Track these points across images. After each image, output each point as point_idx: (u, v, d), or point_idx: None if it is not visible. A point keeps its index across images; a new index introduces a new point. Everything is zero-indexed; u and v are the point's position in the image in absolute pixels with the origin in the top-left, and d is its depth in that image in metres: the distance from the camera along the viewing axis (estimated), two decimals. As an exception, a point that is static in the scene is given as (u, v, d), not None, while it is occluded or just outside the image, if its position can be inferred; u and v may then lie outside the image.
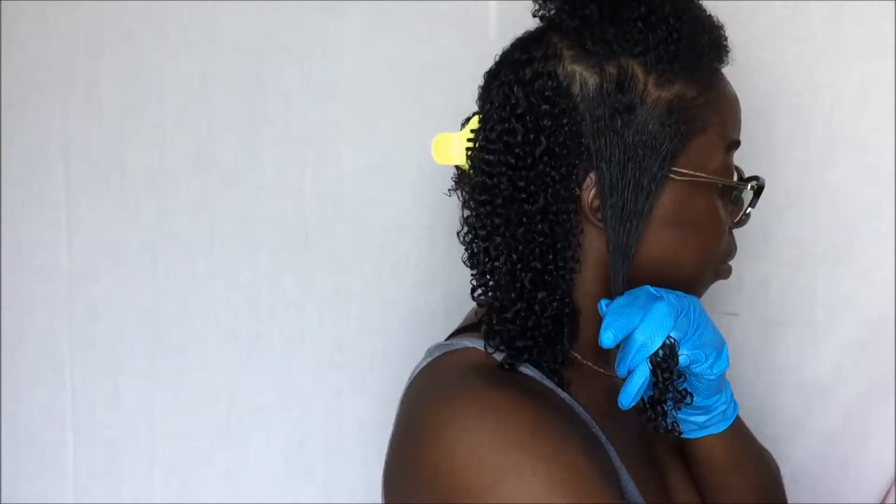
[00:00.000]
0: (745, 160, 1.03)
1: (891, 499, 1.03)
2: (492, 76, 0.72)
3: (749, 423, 0.94)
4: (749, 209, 0.76)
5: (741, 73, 1.03)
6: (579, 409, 0.70)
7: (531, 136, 0.67)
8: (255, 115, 1.11)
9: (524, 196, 0.67)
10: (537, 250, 0.68)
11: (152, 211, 1.14)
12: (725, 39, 0.73)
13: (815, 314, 1.05)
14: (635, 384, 0.66)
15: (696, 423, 0.74)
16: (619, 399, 0.67)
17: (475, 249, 0.71)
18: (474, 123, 0.72)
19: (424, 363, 0.73)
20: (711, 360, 0.68)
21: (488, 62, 0.73)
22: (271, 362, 1.14)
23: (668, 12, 0.68)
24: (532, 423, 0.63)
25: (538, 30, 0.71)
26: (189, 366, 1.15)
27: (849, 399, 1.05)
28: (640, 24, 0.67)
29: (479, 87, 0.75)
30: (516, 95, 0.67)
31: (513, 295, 0.68)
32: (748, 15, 1.00)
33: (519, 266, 0.68)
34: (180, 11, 1.10)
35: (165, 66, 1.12)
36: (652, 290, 0.68)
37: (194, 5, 1.10)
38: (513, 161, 0.67)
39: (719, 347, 0.69)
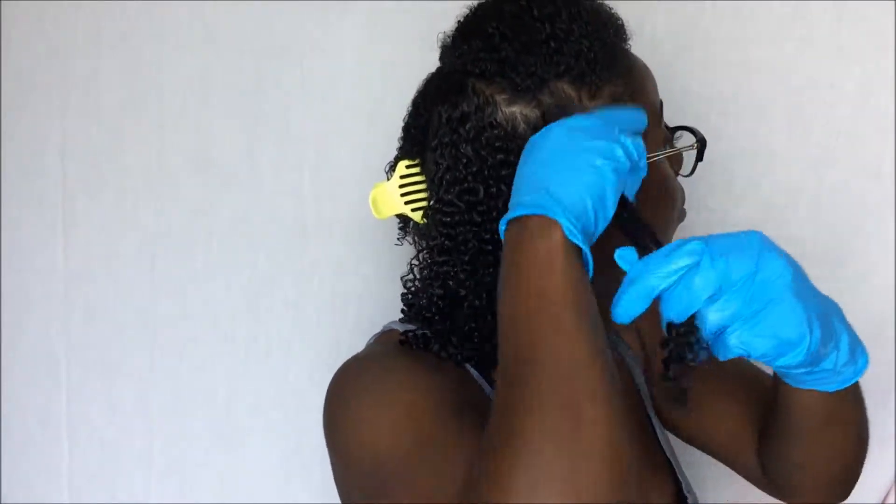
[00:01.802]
0: (746, 159, 1.04)
1: (891, 499, 1.03)
2: (416, 129, 0.73)
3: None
4: (699, 162, 0.77)
5: (741, 72, 1.03)
6: (483, 383, 0.71)
7: (492, 190, 0.67)
8: (255, 115, 1.10)
9: (490, 247, 0.68)
10: None
11: (150, 211, 1.14)
12: (620, 19, 0.72)
13: (815, 314, 1.04)
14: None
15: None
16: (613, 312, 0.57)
17: (433, 301, 0.72)
18: (402, 169, 0.73)
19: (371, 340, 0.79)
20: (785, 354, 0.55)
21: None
22: (269, 363, 1.13)
23: (567, 19, 0.67)
24: (387, 370, 0.67)
25: (453, 79, 0.70)
26: (187, 367, 1.15)
27: (849, 399, 1.05)
28: (552, 43, 0.67)
29: (399, 139, 0.76)
30: (465, 154, 0.67)
31: (475, 336, 0.71)
32: (748, 14, 1.01)
33: (484, 309, 0.70)
34: (179, 11, 1.10)
35: (164, 66, 1.12)
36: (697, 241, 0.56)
37: (194, 5, 1.10)
38: (478, 219, 0.68)
39: (797, 339, 0.55)
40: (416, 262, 0.75)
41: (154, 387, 1.15)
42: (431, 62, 0.78)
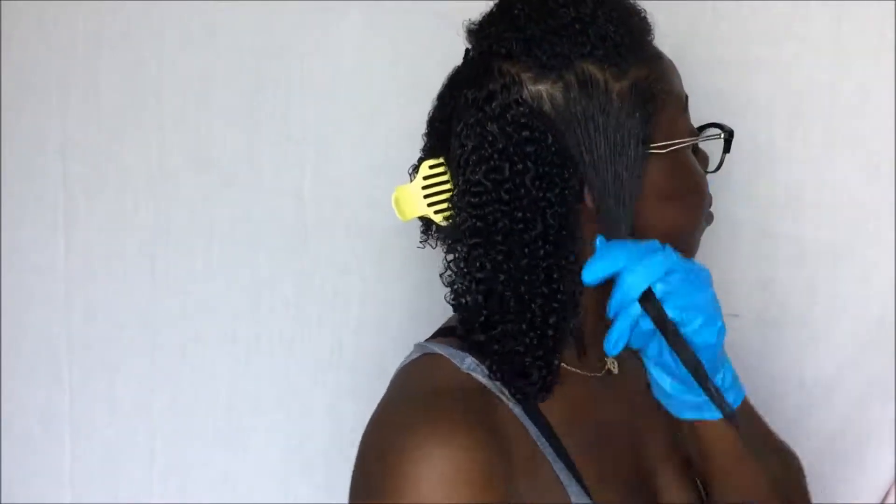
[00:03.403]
0: (746, 159, 1.04)
1: (891, 499, 1.03)
2: (441, 122, 0.73)
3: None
4: (725, 155, 0.79)
5: (741, 72, 1.03)
6: (526, 422, 0.70)
7: (518, 167, 0.67)
8: (255, 115, 1.10)
9: (521, 226, 0.67)
10: (543, 275, 0.68)
11: (151, 211, 1.14)
12: (644, 10, 0.74)
13: (815, 314, 1.05)
14: (618, 327, 0.66)
15: (690, 404, 0.70)
16: (604, 346, 0.66)
17: (472, 290, 0.70)
18: (425, 170, 0.73)
19: (407, 361, 0.75)
20: (697, 326, 0.65)
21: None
22: (271, 363, 1.13)
23: (592, 4, 0.69)
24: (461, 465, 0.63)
25: (479, 62, 0.71)
26: (188, 366, 1.15)
27: (849, 399, 1.05)
28: (577, 25, 0.68)
29: (424, 134, 0.76)
30: (491, 132, 0.68)
31: (524, 326, 0.69)
32: (748, 14, 1.01)
33: (527, 297, 0.68)
34: (180, 11, 1.10)
35: (165, 66, 1.12)
36: (659, 243, 0.67)
37: (194, 5, 1.10)
38: (506, 197, 0.67)
39: (710, 317, 0.66)
40: (452, 257, 0.73)
41: (155, 387, 1.15)
42: (432, 61, 0.79)
